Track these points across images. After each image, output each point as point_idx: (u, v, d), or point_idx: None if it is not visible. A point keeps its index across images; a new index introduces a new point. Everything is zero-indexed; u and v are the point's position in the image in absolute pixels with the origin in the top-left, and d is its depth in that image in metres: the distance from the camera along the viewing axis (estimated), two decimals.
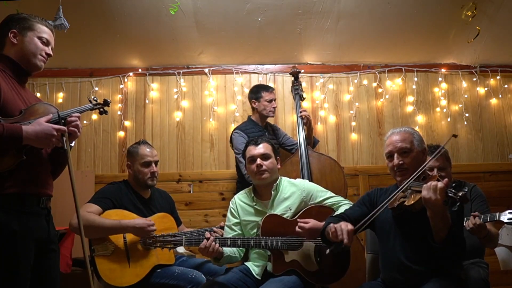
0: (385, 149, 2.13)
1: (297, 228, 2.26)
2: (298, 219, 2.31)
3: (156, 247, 2.30)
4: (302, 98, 3.66)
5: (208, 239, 2.19)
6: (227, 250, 2.35)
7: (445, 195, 1.71)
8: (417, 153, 2.03)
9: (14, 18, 1.87)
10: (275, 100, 3.59)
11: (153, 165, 2.74)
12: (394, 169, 2.06)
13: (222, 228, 2.56)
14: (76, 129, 1.83)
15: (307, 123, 3.49)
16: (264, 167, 2.44)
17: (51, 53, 1.91)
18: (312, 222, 2.27)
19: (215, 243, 2.20)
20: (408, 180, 1.94)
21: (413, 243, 1.96)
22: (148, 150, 2.76)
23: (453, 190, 1.71)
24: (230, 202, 2.59)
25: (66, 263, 3.07)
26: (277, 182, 2.50)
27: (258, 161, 2.44)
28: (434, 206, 1.75)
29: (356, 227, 1.91)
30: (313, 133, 3.65)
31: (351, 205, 2.44)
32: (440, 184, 1.74)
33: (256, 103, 3.57)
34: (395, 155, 2.05)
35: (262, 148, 2.49)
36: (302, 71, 3.90)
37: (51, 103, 1.90)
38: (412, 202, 1.85)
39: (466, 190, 1.71)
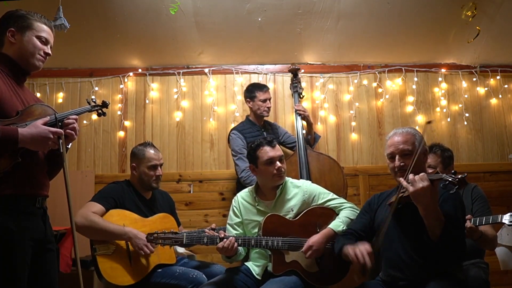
0: (386, 149, 2.14)
1: (307, 255, 2.27)
2: (303, 252, 2.30)
3: (158, 244, 2.31)
4: (301, 96, 3.66)
5: (226, 238, 2.25)
6: (239, 248, 2.37)
7: (444, 179, 1.75)
8: (419, 155, 2.03)
9: (12, 16, 1.83)
10: (269, 99, 3.57)
11: (159, 168, 2.75)
12: (395, 170, 2.07)
13: (213, 229, 2.53)
14: (73, 132, 1.81)
15: (305, 118, 3.49)
16: (283, 170, 2.45)
17: (50, 52, 1.88)
18: (312, 240, 2.29)
19: (236, 243, 2.26)
20: (405, 177, 1.95)
21: (412, 240, 1.97)
22: (154, 153, 2.76)
23: (452, 175, 1.74)
24: (233, 201, 2.59)
25: (66, 263, 3.07)
26: (283, 183, 2.50)
27: (279, 163, 2.44)
28: (424, 197, 1.77)
29: (372, 249, 1.95)
30: (313, 128, 3.64)
31: (353, 208, 2.46)
32: (421, 174, 1.80)
33: (251, 103, 3.56)
34: (397, 156, 2.06)
35: (279, 150, 2.50)
36: (303, 70, 3.89)
37: (48, 104, 1.87)
38: (407, 194, 1.87)
39: (466, 175, 1.74)
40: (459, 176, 1.70)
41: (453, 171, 1.78)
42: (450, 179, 1.72)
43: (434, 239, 1.82)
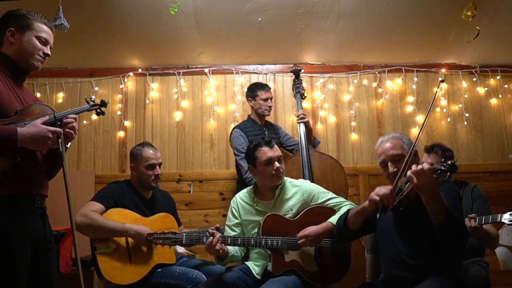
0: (378, 158, 2.15)
1: (299, 242, 2.26)
2: (298, 235, 2.29)
3: (157, 244, 2.31)
4: (303, 97, 3.66)
5: (213, 236, 2.20)
6: (231, 249, 2.35)
7: (436, 169, 1.73)
8: (410, 156, 2.03)
9: (12, 15, 1.83)
10: (271, 99, 3.60)
11: (157, 167, 2.75)
12: (390, 177, 2.07)
13: (217, 229, 2.53)
14: (72, 131, 1.80)
15: (305, 124, 3.48)
16: (282, 170, 2.45)
17: (49, 53, 1.88)
18: (309, 230, 2.28)
19: (223, 242, 2.23)
20: (397, 179, 1.95)
21: (412, 240, 1.97)
22: (152, 152, 2.76)
23: (443, 163, 1.73)
24: (231, 201, 2.58)
25: (66, 263, 3.07)
26: (282, 183, 2.50)
27: (277, 164, 2.43)
28: (428, 188, 1.76)
29: (394, 185, 1.90)
30: (313, 134, 3.64)
31: (353, 206, 2.45)
32: (426, 166, 1.75)
33: (252, 102, 3.59)
34: (389, 163, 2.07)
35: (278, 150, 2.49)
36: (303, 70, 3.89)
37: (47, 104, 1.87)
38: (407, 192, 1.86)
39: (455, 160, 1.72)
40: (449, 162, 1.70)
41: (442, 159, 1.78)
42: (442, 168, 1.72)
43: (438, 224, 1.81)
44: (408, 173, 1.81)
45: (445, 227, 1.79)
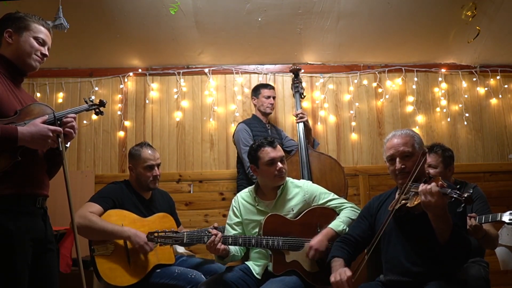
0: (386, 152, 2.11)
1: (310, 256, 2.27)
2: (307, 255, 2.30)
3: (158, 243, 2.31)
4: (302, 96, 3.67)
5: (215, 235, 2.20)
6: (231, 249, 2.36)
7: (450, 196, 1.71)
8: (418, 157, 2.02)
9: (10, 17, 1.85)
10: (274, 97, 3.67)
11: (156, 168, 2.73)
12: (396, 173, 2.05)
13: (216, 228, 2.52)
14: (71, 130, 1.81)
15: (303, 123, 3.49)
16: (284, 171, 2.45)
17: (46, 53, 1.89)
18: (314, 241, 2.28)
19: (224, 242, 2.23)
20: (407, 182, 1.94)
21: (414, 245, 1.96)
22: (150, 153, 2.74)
23: (458, 192, 1.71)
24: (233, 200, 2.59)
25: (66, 263, 3.06)
26: (284, 183, 2.50)
27: (280, 164, 2.43)
28: (435, 208, 1.75)
29: (355, 271, 1.95)
30: (312, 133, 3.65)
31: (354, 208, 2.46)
32: (434, 188, 1.74)
33: (255, 100, 3.68)
34: (397, 159, 2.04)
35: (280, 150, 2.50)
36: (303, 70, 3.89)
37: (46, 104, 1.88)
38: (415, 203, 1.85)
39: (471, 192, 1.72)
40: (465, 195, 1.68)
41: (458, 186, 1.76)
42: (455, 196, 1.70)
43: (443, 242, 1.80)
44: (419, 187, 1.80)
45: (450, 245, 1.79)
